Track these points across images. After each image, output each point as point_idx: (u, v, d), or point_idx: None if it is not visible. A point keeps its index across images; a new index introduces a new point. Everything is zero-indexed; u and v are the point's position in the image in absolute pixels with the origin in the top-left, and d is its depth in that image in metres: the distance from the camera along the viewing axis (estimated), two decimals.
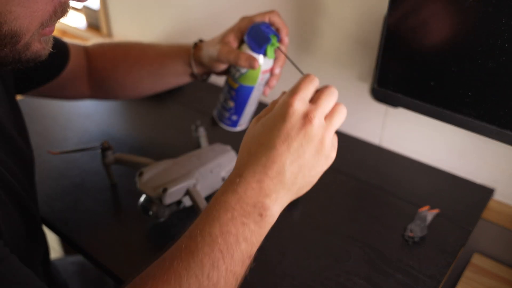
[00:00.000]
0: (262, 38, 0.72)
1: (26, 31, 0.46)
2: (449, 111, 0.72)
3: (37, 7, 0.46)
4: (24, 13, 0.45)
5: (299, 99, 0.50)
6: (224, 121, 0.85)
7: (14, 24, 0.45)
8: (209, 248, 0.46)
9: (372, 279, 0.66)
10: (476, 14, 0.63)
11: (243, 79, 0.77)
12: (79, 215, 0.76)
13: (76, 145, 0.92)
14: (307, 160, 0.50)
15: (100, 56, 0.88)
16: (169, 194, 0.68)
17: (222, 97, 0.84)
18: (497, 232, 0.88)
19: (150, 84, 0.87)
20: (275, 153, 0.48)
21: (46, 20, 0.48)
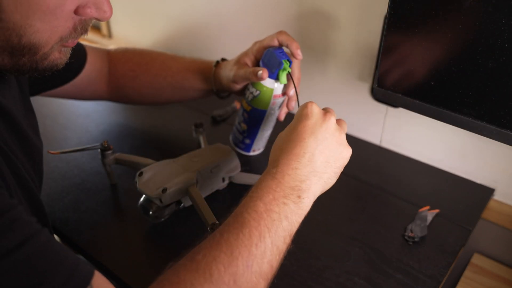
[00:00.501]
0: (275, 63, 0.74)
1: (45, 44, 0.48)
2: (449, 111, 0.72)
3: (58, 23, 0.47)
4: (44, 28, 0.47)
5: (313, 103, 0.59)
6: (238, 144, 0.86)
7: (34, 37, 0.47)
8: (255, 222, 0.51)
9: (372, 279, 0.66)
10: (476, 14, 0.62)
11: (256, 102, 0.78)
12: (79, 215, 0.76)
13: (76, 145, 0.92)
14: (333, 150, 0.58)
15: (122, 63, 0.89)
16: (169, 194, 0.68)
17: (237, 119, 0.85)
18: (497, 232, 0.88)
19: (170, 96, 0.89)
20: (304, 144, 0.56)
21: (65, 36, 0.49)
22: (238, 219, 0.52)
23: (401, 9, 0.70)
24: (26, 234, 0.43)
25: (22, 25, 0.45)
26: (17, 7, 0.44)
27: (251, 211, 0.52)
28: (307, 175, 0.56)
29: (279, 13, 0.97)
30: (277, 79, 0.75)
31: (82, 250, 0.70)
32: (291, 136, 0.57)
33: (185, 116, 1.03)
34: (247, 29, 1.06)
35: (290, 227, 0.53)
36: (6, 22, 0.44)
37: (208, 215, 0.65)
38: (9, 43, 0.46)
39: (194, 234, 0.72)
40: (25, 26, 0.45)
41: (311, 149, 0.56)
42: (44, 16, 0.46)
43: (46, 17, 0.46)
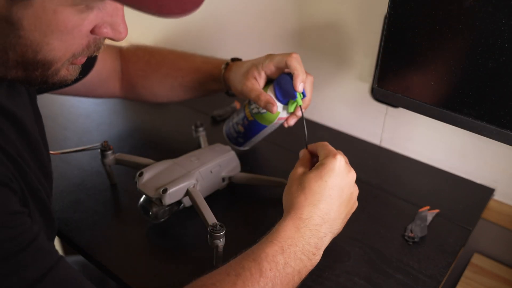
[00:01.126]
0: (289, 92, 0.73)
1: (58, 60, 0.49)
2: (449, 111, 0.72)
3: (74, 42, 0.48)
4: (59, 46, 0.47)
5: (342, 158, 0.64)
6: (230, 138, 0.87)
7: (49, 54, 0.47)
8: (272, 274, 0.55)
9: (372, 279, 0.66)
10: (476, 14, 0.62)
11: (259, 117, 0.79)
12: (79, 215, 0.76)
13: (76, 145, 0.92)
14: (349, 206, 0.65)
15: (133, 62, 0.90)
16: (169, 194, 0.68)
17: (236, 118, 0.85)
18: (497, 232, 0.88)
19: (181, 94, 0.90)
20: (330, 202, 0.61)
21: (78, 53, 0.50)
22: (257, 265, 0.55)
23: (401, 9, 0.70)
24: (49, 264, 0.45)
25: (39, 43, 0.46)
26: (37, 25, 0.44)
27: (271, 261, 0.55)
28: (326, 232, 0.61)
29: (279, 13, 0.97)
30: (286, 105, 0.76)
31: (82, 250, 0.70)
32: (319, 188, 0.61)
33: (185, 116, 1.03)
34: (247, 29, 1.06)
35: (299, 280, 0.58)
36: (24, 39, 0.45)
37: (208, 216, 0.65)
38: (24, 58, 0.47)
39: (194, 234, 0.72)
40: (42, 43, 0.46)
41: (334, 208, 0.62)
42: (61, 36, 0.46)
43: (63, 37, 0.47)
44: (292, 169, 0.82)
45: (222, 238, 0.63)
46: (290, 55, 0.73)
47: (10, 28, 0.44)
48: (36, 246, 0.45)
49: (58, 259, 0.46)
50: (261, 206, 0.78)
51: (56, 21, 0.45)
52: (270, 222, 0.75)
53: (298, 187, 0.63)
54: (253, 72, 0.77)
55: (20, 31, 0.44)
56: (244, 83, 0.77)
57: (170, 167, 0.73)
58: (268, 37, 1.02)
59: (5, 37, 0.45)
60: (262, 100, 0.74)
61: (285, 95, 0.74)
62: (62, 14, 0.44)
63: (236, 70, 0.81)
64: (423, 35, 0.69)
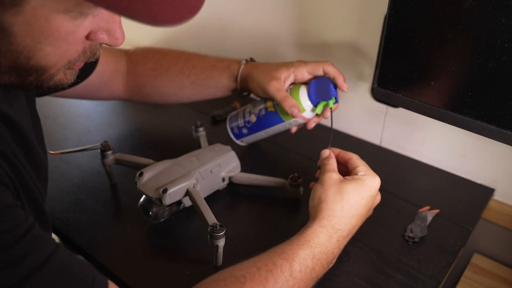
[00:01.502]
0: (325, 93, 0.76)
1: (52, 66, 0.48)
2: (449, 111, 0.72)
3: (68, 48, 0.47)
4: (53, 52, 0.47)
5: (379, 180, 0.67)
6: (233, 128, 0.86)
7: (42, 60, 0.47)
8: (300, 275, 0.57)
9: (372, 280, 0.66)
10: (476, 14, 0.62)
11: (281, 110, 0.79)
12: (79, 215, 0.76)
13: (76, 145, 0.92)
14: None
15: (142, 63, 0.89)
16: (169, 194, 0.68)
17: (250, 108, 0.85)
18: (497, 232, 0.88)
19: (191, 94, 0.89)
20: (360, 219, 0.65)
21: (74, 59, 0.49)
22: (289, 264, 0.56)
23: (401, 9, 0.70)
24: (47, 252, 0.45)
25: (31, 49, 0.45)
26: (29, 32, 0.44)
27: (302, 264, 0.57)
28: (345, 244, 0.65)
29: (279, 13, 0.97)
30: (315, 106, 0.77)
31: (82, 250, 0.70)
32: (356, 203, 0.64)
33: (185, 116, 1.03)
34: (247, 29, 1.06)
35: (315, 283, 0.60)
36: (15, 45, 0.45)
37: (208, 216, 0.65)
38: (16, 64, 0.47)
39: (194, 234, 0.72)
40: (35, 49, 0.46)
41: (359, 224, 0.66)
42: (55, 42, 0.46)
43: (57, 43, 0.46)
44: (292, 169, 0.82)
45: (222, 238, 0.63)
46: (327, 62, 0.78)
47: (0, 35, 0.43)
48: (32, 235, 0.45)
49: (56, 246, 0.46)
50: (261, 206, 0.78)
51: (49, 28, 0.44)
52: (270, 222, 0.75)
53: (336, 194, 0.63)
54: (283, 73, 0.78)
55: (11, 38, 0.44)
56: (271, 81, 0.77)
57: (170, 167, 0.73)
58: (269, 39, 1.02)
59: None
60: (287, 104, 0.76)
61: (320, 95, 0.76)
62: (55, 21, 0.44)
63: (262, 67, 0.81)
64: (423, 35, 0.69)
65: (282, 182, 0.78)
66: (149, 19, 0.41)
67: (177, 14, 0.42)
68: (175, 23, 0.42)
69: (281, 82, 0.78)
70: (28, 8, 0.42)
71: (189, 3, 0.44)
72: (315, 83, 0.77)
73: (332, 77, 0.77)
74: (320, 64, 0.78)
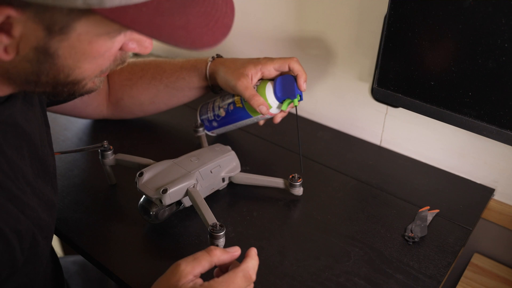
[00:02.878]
0: (289, 91, 0.78)
1: (87, 78, 0.50)
2: (449, 111, 0.72)
3: (104, 62, 0.50)
4: (90, 67, 0.49)
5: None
6: (203, 119, 0.90)
7: (79, 75, 0.49)
8: None
9: (372, 280, 0.66)
10: (476, 14, 0.62)
11: (249, 107, 0.82)
12: (79, 215, 0.76)
13: (76, 145, 0.92)
14: None
15: (118, 74, 0.91)
16: (169, 194, 0.68)
17: (219, 101, 0.87)
18: (497, 232, 0.88)
19: (166, 98, 0.90)
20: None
21: (106, 68, 0.51)
22: None
23: (401, 9, 0.70)
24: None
25: (71, 67, 0.47)
26: (72, 54, 0.46)
27: None
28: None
29: (279, 14, 0.97)
30: (281, 103, 0.79)
31: (82, 250, 0.70)
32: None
33: (185, 116, 1.02)
34: (247, 29, 1.06)
35: None
36: (57, 66, 0.47)
37: (208, 216, 0.65)
38: (55, 80, 0.49)
39: (194, 234, 0.72)
40: (74, 68, 0.48)
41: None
42: (93, 60, 0.48)
43: (95, 60, 0.48)
44: (292, 169, 0.82)
45: (222, 238, 0.63)
46: (292, 59, 0.78)
47: (45, 58, 0.45)
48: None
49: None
50: (261, 206, 0.78)
51: (90, 49, 0.46)
52: (270, 222, 0.75)
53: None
54: (250, 70, 0.79)
55: (55, 60, 0.46)
56: (239, 79, 0.78)
57: (170, 167, 0.73)
58: (269, 38, 1.02)
59: (39, 64, 0.46)
60: (256, 101, 0.77)
61: (285, 93, 0.78)
62: (97, 44, 0.46)
63: (228, 64, 0.82)
64: (423, 35, 0.69)
65: (282, 182, 0.78)
66: (189, 44, 0.44)
67: (212, 37, 0.45)
68: (212, 45, 0.45)
69: (248, 80, 0.78)
70: (74, 34, 0.44)
71: (222, 23, 0.47)
72: (281, 80, 0.78)
73: (295, 74, 0.78)
74: (286, 61, 0.78)
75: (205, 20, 0.45)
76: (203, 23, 0.45)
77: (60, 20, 0.42)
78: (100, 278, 0.93)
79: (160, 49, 1.26)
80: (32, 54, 0.45)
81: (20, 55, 0.45)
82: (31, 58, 0.45)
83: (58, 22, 0.42)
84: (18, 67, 0.46)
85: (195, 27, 0.44)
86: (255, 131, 0.97)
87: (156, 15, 0.42)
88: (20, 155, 0.55)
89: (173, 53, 1.23)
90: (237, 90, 0.78)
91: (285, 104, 0.79)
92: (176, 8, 0.43)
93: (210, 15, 0.46)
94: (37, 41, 0.44)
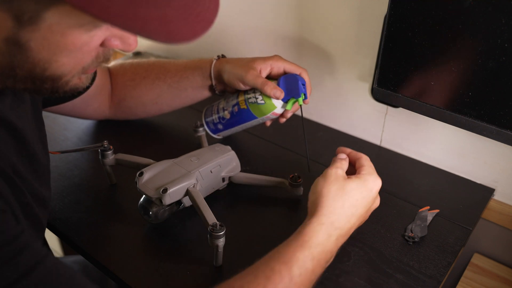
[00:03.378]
0: (294, 90, 0.77)
1: (67, 74, 0.49)
2: (449, 111, 0.72)
3: (82, 56, 0.48)
4: (68, 62, 0.47)
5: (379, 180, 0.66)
6: (208, 122, 0.89)
7: (57, 70, 0.48)
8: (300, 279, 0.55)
9: (372, 280, 0.66)
10: (476, 14, 0.62)
11: (254, 108, 0.81)
12: (79, 215, 0.76)
13: (76, 145, 0.92)
14: None
15: (121, 75, 0.90)
16: (169, 194, 0.68)
17: (224, 103, 0.86)
18: (497, 232, 0.88)
19: (169, 99, 0.90)
20: (360, 219, 0.63)
21: (87, 65, 0.50)
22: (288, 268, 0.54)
23: (401, 9, 0.70)
24: (34, 260, 0.44)
25: (47, 61, 0.46)
26: (45, 46, 0.45)
27: (301, 267, 0.55)
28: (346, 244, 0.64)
29: (279, 14, 0.97)
30: (285, 103, 0.79)
31: (82, 250, 0.70)
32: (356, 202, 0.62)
33: (185, 116, 1.02)
34: (247, 30, 1.06)
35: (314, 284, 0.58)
36: (32, 58, 0.45)
37: (208, 216, 0.65)
38: (32, 74, 0.47)
39: (194, 234, 0.72)
40: (50, 61, 0.46)
41: (357, 224, 0.64)
42: (70, 53, 0.47)
43: (72, 54, 0.47)
44: (292, 169, 0.82)
45: (222, 238, 0.63)
46: (304, 69, 0.79)
47: (17, 49, 0.44)
48: (21, 243, 0.45)
49: (45, 255, 0.46)
50: (261, 206, 0.78)
51: (64, 42, 0.45)
52: (270, 222, 0.75)
53: (338, 191, 0.61)
54: (259, 64, 0.79)
55: (28, 52, 0.45)
56: (248, 71, 0.78)
57: (170, 167, 0.73)
58: (269, 38, 1.02)
59: (12, 56, 0.45)
60: (269, 88, 0.76)
61: (290, 92, 0.78)
62: (70, 36, 0.44)
63: (234, 61, 0.82)
64: (423, 35, 0.69)
65: (282, 182, 0.78)
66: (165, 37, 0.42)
67: (192, 30, 0.43)
68: (190, 39, 0.43)
69: (257, 72, 0.79)
70: (44, 25, 0.43)
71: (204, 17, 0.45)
72: (284, 80, 0.79)
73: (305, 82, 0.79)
74: (299, 68, 0.79)
75: (184, 13, 0.43)
76: (182, 16, 0.43)
77: (28, 9, 0.41)
78: (100, 278, 0.93)
79: (160, 49, 1.26)
80: (3, 46, 0.44)
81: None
82: (3, 50, 0.44)
83: (26, 12, 0.41)
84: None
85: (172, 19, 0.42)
86: (255, 131, 0.96)
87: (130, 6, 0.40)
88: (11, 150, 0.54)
89: (175, 54, 1.23)
90: (247, 81, 0.78)
91: (290, 103, 0.79)
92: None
93: (191, 8, 0.44)
94: (7, 32, 0.42)
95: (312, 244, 0.57)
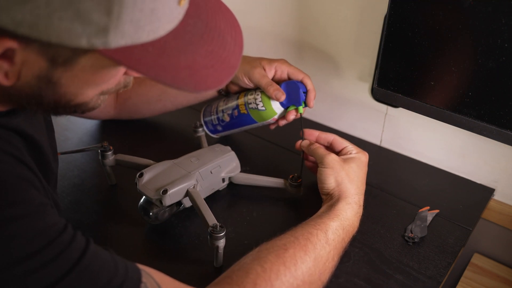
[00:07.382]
0: (295, 98, 0.78)
1: (89, 100, 0.50)
2: (449, 111, 0.72)
3: (106, 87, 0.49)
4: (93, 92, 0.49)
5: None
6: (207, 122, 0.89)
7: (82, 99, 0.49)
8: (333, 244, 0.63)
9: (372, 280, 0.66)
10: (476, 14, 0.62)
11: (254, 113, 0.81)
12: (79, 216, 0.76)
13: (76, 145, 0.92)
14: None
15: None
16: (169, 195, 0.68)
17: (223, 105, 0.86)
18: (497, 232, 0.88)
19: (173, 96, 0.90)
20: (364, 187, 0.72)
21: (108, 91, 0.51)
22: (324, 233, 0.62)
23: (401, 9, 0.70)
24: (83, 245, 0.46)
25: (74, 93, 0.47)
26: (74, 82, 0.45)
27: (334, 233, 0.63)
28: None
29: (279, 14, 0.97)
30: (285, 110, 0.80)
31: None
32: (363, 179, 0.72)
33: (185, 116, 1.02)
34: (247, 30, 1.06)
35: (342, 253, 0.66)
36: (60, 92, 0.46)
37: (208, 216, 0.65)
38: (57, 104, 0.48)
39: (194, 235, 0.72)
40: (77, 94, 0.47)
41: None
42: (97, 86, 0.48)
43: (99, 87, 0.48)
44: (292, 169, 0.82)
45: (223, 239, 0.63)
46: (307, 75, 0.80)
47: (47, 85, 0.45)
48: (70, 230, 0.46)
49: (88, 240, 0.47)
50: (261, 206, 0.78)
51: (93, 78, 0.46)
52: (270, 222, 0.75)
53: (348, 175, 0.69)
54: (265, 64, 0.80)
55: (57, 88, 0.45)
56: (255, 68, 0.79)
57: (170, 167, 0.73)
58: (269, 38, 1.02)
59: (41, 90, 0.45)
60: (272, 89, 0.77)
61: (290, 100, 0.79)
62: (101, 73, 0.45)
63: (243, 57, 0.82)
64: (423, 35, 0.69)
65: (282, 182, 0.78)
66: (193, 87, 0.42)
67: (218, 78, 0.44)
68: (214, 88, 0.44)
69: (264, 72, 0.79)
70: (78, 67, 0.43)
71: (229, 63, 0.45)
72: (286, 86, 0.79)
73: (308, 89, 0.79)
74: (302, 73, 0.79)
75: (211, 61, 0.43)
76: (210, 63, 0.43)
77: (64, 54, 0.42)
78: None
79: None
80: (34, 81, 0.44)
81: (22, 81, 0.44)
82: (33, 85, 0.44)
83: (62, 56, 0.42)
84: (20, 90, 0.45)
85: (200, 68, 0.42)
86: (255, 131, 0.96)
87: (163, 55, 0.40)
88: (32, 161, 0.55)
89: None
90: (253, 77, 0.78)
91: (289, 110, 0.79)
92: (183, 46, 0.42)
93: (218, 54, 0.44)
94: (40, 70, 0.43)
95: (342, 217, 0.65)
